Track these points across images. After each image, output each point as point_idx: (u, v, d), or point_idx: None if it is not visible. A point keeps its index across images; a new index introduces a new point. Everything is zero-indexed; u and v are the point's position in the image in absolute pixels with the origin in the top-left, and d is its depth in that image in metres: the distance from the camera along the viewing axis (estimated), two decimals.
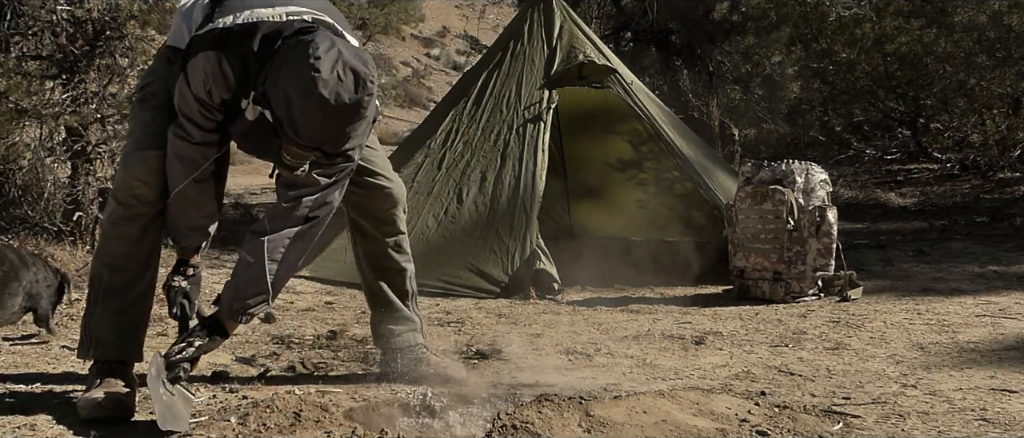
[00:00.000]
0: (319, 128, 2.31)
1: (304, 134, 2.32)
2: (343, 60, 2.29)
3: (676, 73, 9.71)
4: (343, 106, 2.28)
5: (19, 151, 5.18)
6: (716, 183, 5.78)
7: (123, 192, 2.68)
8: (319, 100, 2.26)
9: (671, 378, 3.15)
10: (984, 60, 9.50)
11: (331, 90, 2.25)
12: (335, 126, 2.32)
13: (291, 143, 2.36)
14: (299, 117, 2.30)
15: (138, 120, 2.77)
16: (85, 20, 5.25)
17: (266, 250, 2.60)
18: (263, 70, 2.41)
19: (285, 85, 2.31)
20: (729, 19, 9.39)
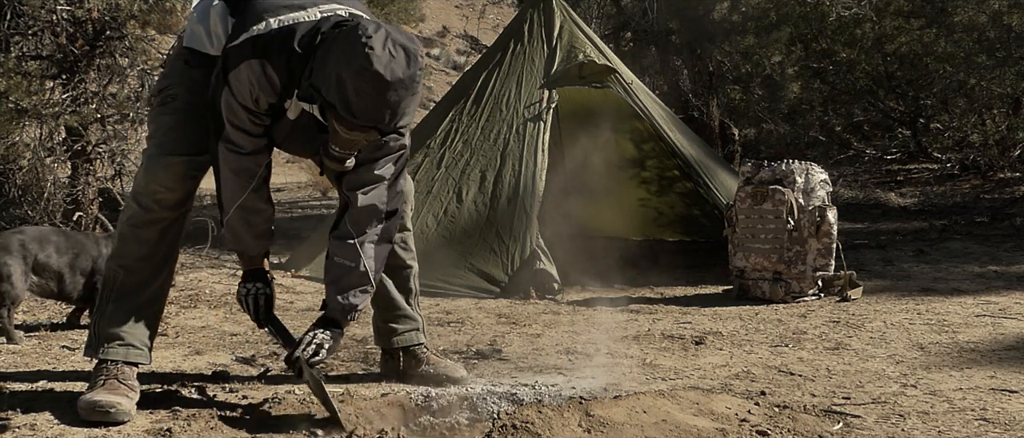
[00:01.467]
0: (375, 104, 2.35)
1: (360, 113, 2.35)
2: (392, 38, 2.35)
3: (676, 73, 9.71)
4: (397, 80, 2.33)
5: (19, 151, 5.18)
6: (716, 183, 5.78)
7: (146, 197, 2.69)
8: (375, 76, 2.30)
9: (671, 378, 3.15)
10: (984, 60, 9.49)
11: (385, 66, 2.31)
12: (390, 100, 2.35)
13: (346, 126, 2.39)
14: (354, 96, 2.33)
15: (159, 123, 2.74)
16: (85, 20, 5.26)
17: (362, 252, 2.65)
18: (306, 66, 2.45)
19: (336, 69, 2.34)
20: (729, 19, 9.39)
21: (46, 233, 3.91)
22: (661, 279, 5.32)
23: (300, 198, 10.29)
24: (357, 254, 2.64)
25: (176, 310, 4.28)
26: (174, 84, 2.73)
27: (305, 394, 2.86)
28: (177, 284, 4.83)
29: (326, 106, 2.39)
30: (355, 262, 2.65)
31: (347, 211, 2.68)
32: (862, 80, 10.74)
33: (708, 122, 9.23)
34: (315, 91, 2.41)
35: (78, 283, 3.74)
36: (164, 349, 3.57)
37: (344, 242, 2.66)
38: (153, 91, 2.76)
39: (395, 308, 3.05)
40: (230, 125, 2.53)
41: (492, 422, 2.52)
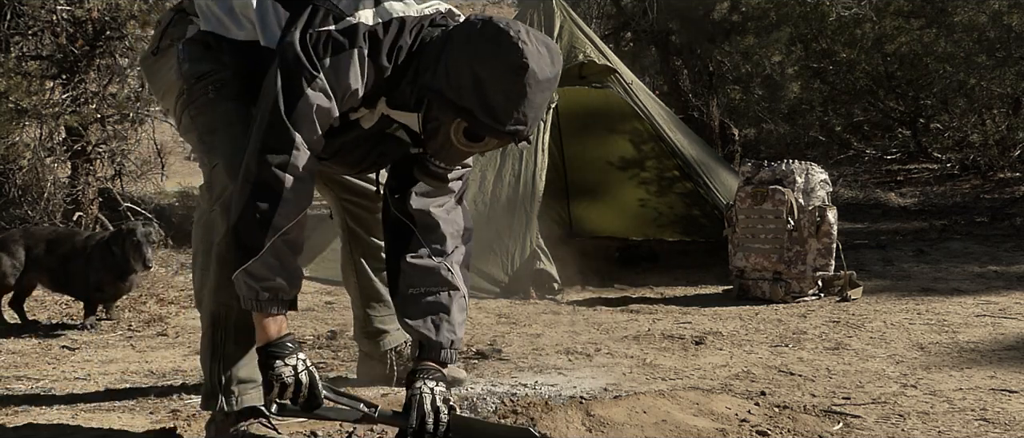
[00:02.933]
0: (524, 106, 2.10)
1: (506, 116, 2.09)
2: (535, 35, 2.13)
3: (676, 73, 9.71)
4: (547, 80, 2.11)
5: (19, 151, 5.19)
6: (716, 183, 5.78)
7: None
8: (531, 75, 2.07)
9: (671, 378, 3.15)
10: (984, 60, 9.49)
11: (538, 63, 2.08)
12: (537, 102, 2.12)
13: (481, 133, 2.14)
14: (502, 99, 2.08)
15: (221, 114, 2.36)
16: (85, 20, 5.26)
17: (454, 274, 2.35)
18: (409, 67, 2.21)
19: (476, 69, 2.09)
20: (729, 19, 9.38)
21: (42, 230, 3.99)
22: (661, 279, 5.32)
23: None
24: (447, 279, 2.33)
25: (176, 310, 4.29)
26: (217, 70, 2.37)
27: None
28: (177, 284, 4.83)
29: (449, 113, 2.12)
30: (446, 288, 2.33)
31: (414, 234, 2.35)
32: (862, 80, 10.73)
33: (708, 122, 9.23)
34: (433, 95, 2.14)
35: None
36: (164, 349, 3.57)
37: (427, 269, 2.32)
38: (192, 79, 2.36)
39: (387, 309, 2.90)
40: (307, 125, 2.14)
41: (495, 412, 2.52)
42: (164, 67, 2.48)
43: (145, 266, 3.85)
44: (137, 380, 3.09)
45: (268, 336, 2.16)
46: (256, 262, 2.11)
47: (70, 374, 3.17)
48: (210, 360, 2.37)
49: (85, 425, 2.57)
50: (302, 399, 2.15)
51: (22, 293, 3.95)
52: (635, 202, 6.77)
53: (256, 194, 2.11)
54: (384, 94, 2.25)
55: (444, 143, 2.20)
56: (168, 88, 2.48)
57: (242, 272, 2.12)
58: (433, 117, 2.19)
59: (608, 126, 6.39)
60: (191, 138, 2.43)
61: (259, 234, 2.11)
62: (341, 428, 2.54)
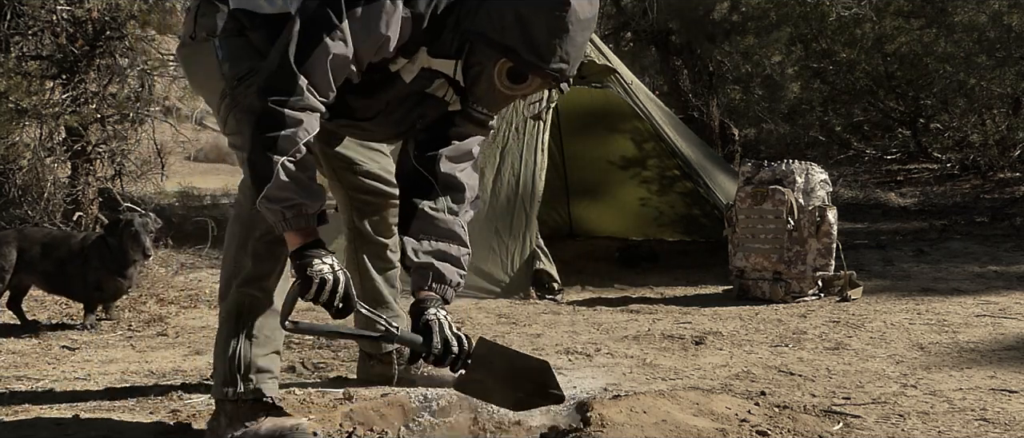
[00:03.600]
0: (568, 44, 2.14)
1: (550, 54, 2.13)
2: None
3: (676, 73, 9.70)
4: (588, 19, 2.16)
5: (19, 151, 5.18)
6: (716, 183, 5.78)
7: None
8: (573, 13, 2.11)
9: (671, 378, 3.15)
10: (984, 60, 9.49)
11: (578, 2, 2.12)
12: (579, 42, 2.17)
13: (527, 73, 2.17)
14: (546, 36, 2.12)
15: None
16: (85, 20, 5.25)
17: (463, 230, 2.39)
18: (449, 15, 2.22)
19: (518, 7, 2.12)
20: (729, 19, 9.38)
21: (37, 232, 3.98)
22: (661, 279, 5.32)
23: None
24: (460, 236, 2.37)
25: (176, 310, 4.29)
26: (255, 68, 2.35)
27: (305, 394, 2.86)
28: (177, 284, 4.83)
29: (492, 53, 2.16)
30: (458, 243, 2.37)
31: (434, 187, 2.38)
32: (862, 80, 10.74)
33: (708, 122, 9.22)
34: (476, 37, 2.17)
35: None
36: (164, 349, 3.57)
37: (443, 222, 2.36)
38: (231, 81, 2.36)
39: (388, 308, 2.91)
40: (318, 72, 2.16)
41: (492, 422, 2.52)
42: (202, 58, 2.46)
43: (145, 255, 3.84)
44: (137, 380, 3.09)
45: (298, 241, 2.16)
46: (271, 187, 2.12)
47: (70, 374, 3.17)
48: (230, 340, 2.39)
49: (85, 425, 2.57)
50: (338, 299, 2.14)
51: (17, 294, 3.95)
52: (635, 202, 6.77)
53: (259, 126, 2.14)
54: (424, 44, 2.26)
55: (488, 87, 2.24)
56: (210, 86, 2.48)
57: (262, 199, 2.13)
58: (476, 62, 2.23)
59: (608, 126, 6.39)
60: (236, 139, 2.41)
61: (267, 161, 2.12)
62: (341, 428, 2.54)
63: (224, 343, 2.41)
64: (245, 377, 2.38)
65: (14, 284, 3.87)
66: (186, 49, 2.54)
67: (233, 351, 2.39)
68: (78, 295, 3.92)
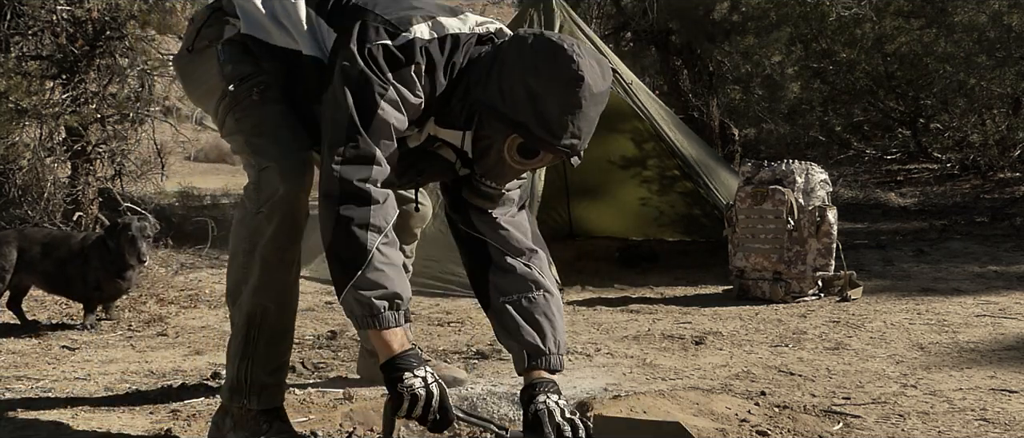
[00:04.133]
0: (580, 120, 2.07)
1: (561, 131, 2.05)
2: (586, 49, 2.09)
3: (676, 73, 9.70)
4: (601, 93, 2.08)
5: (19, 151, 5.18)
6: (716, 183, 5.78)
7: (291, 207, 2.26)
8: (586, 88, 2.04)
9: (671, 378, 3.15)
10: (984, 60, 9.49)
11: (591, 76, 2.04)
12: (593, 114, 2.09)
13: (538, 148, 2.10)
14: (558, 112, 2.04)
15: (266, 116, 2.33)
16: (85, 20, 5.25)
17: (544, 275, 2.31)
18: (458, 84, 2.17)
19: (531, 84, 2.04)
20: (729, 19, 9.37)
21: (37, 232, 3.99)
22: (661, 279, 5.32)
23: None
24: (538, 280, 2.28)
25: (176, 310, 4.29)
26: (257, 72, 2.34)
27: (305, 394, 2.86)
28: (177, 284, 4.83)
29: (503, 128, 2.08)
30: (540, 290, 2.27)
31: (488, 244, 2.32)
32: (862, 80, 10.73)
33: (708, 122, 9.22)
34: (487, 110, 2.10)
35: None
36: (164, 349, 3.57)
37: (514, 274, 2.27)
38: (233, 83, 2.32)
39: None
40: (384, 142, 2.10)
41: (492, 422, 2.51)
42: (201, 67, 2.44)
43: (139, 260, 3.83)
44: (137, 380, 3.09)
45: (392, 350, 2.04)
46: (365, 273, 2.02)
47: (70, 374, 3.17)
48: (239, 357, 2.36)
49: (85, 425, 2.57)
50: (433, 414, 2.03)
51: (17, 294, 3.95)
52: (635, 202, 6.77)
53: (345, 208, 2.05)
54: (433, 113, 2.20)
55: (496, 161, 2.16)
56: (208, 89, 2.44)
57: (351, 289, 2.02)
58: (485, 135, 2.15)
59: (608, 126, 6.37)
60: (236, 140, 2.38)
61: (359, 242, 2.03)
62: (340, 428, 2.54)
63: (235, 353, 2.38)
64: (251, 394, 2.35)
65: (14, 284, 3.87)
66: (183, 60, 2.52)
67: (242, 367, 2.35)
68: (78, 295, 3.92)
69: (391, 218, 2.09)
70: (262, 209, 2.27)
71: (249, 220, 2.32)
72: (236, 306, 2.39)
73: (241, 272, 2.36)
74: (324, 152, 2.12)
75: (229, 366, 2.41)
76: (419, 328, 3.91)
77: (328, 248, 2.07)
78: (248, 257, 2.33)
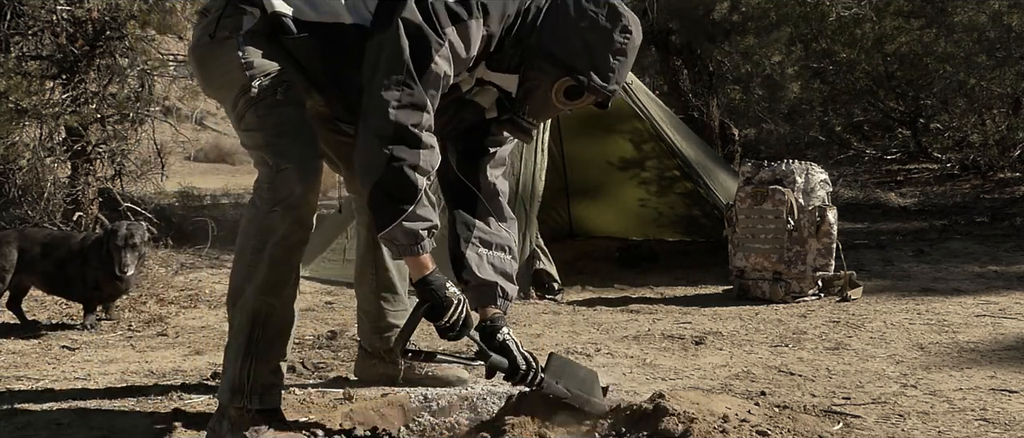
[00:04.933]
0: (623, 67, 2.38)
1: (610, 75, 2.36)
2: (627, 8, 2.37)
3: (676, 73, 9.70)
4: (639, 45, 2.39)
5: (19, 151, 5.18)
6: (716, 183, 5.78)
7: (303, 208, 2.35)
8: (632, 43, 2.36)
9: (671, 378, 3.15)
10: (984, 60, 9.49)
11: (637, 32, 2.36)
12: (630, 65, 2.40)
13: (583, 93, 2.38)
14: (609, 61, 2.34)
15: (284, 118, 2.39)
16: (85, 20, 5.25)
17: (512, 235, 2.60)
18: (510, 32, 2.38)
19: (587, 35, 2.32)
20: (729, 19, 9.37)
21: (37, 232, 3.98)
22: (661, 279, 5.32)
23: None
24: (511, 246, 2.57)
25: (176, 310, 4.29)
26: (281, 70, 2.41)
27: (305, 394, 2.86)
28: (177, 284, 4.83)
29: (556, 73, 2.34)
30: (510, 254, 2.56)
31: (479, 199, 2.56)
32: (862, 80, 10.74)
33: (708, 122, 9.22)
34: (543, 57, 2.34)
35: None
36: (164, 349, 3.57)
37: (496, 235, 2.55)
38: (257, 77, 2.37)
39: (400, 302, 2.96)
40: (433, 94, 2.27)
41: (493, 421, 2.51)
42: (221, 58, 2.45)
43: (121, 271, 3.72)
44: (137, 380, 3.09)
45: (425, 269, 2.29)
46: (416, 207, 2.23)
47: (70, 374, 3.17)
48: (241, 356, 2.38)
49: (85, 425, 2.57)
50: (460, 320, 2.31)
51: (18, 294, 3.95)
52: (635, 202, 6.77)
53: (398, 149, 2.21)
54: (485, 58, 2.39)
55: (542, 101, 2.41)
56: (226, 81, 2.45)
57: (400, 223, 2.22)
58: (533, 76, 2.39)
59: (608, 126, 6.38)
60: (255, 136, 2.41)
61: (411, 182, 2.22)
62: (341, 428, 2.54)
63: (236, 353, 2.40)
64: (252, 393, 2.38)
65: (14, 284, 3.87)
66: (202, 49, 2.51)
67: (244, 367, 2.38)
68: (77, 296, 3.92)
69: (437, 163, 2.30)
70: (275, 208, 2.33)
71: (260, 218, 2.36)
72: (238, 306, 2.41)
73: (247, 270, 2.39)
74: (374, 93, 2.23)
75: (228, 367, 2.41)
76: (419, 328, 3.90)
77: (375, 183, 2.23)
78: (256, 255, 2.37)
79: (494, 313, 2.49)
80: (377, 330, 2.98)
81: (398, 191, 2.22)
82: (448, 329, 2.31)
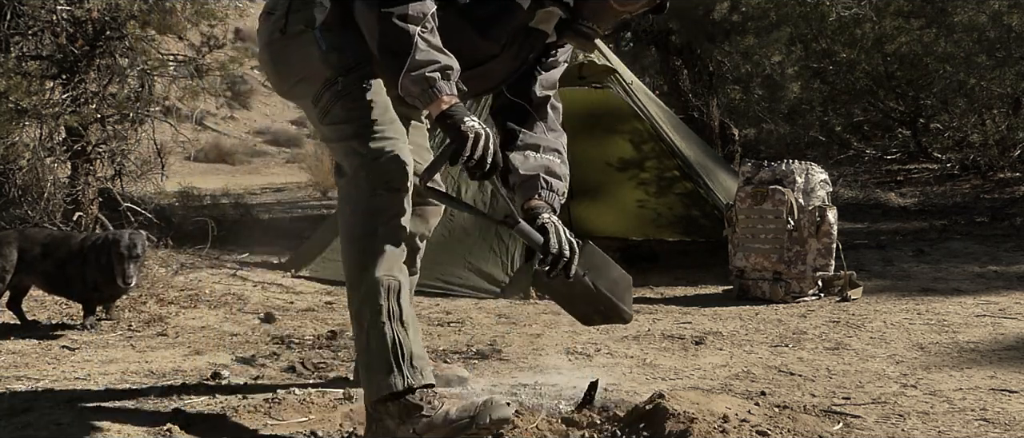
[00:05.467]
0: None
1: None
2: None
3: (676, 73, 9.70)
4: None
5: (19, 151, 5.18)
6: (716, 183, 5.78)
7: (405, 191, 2.36)
8: None
9: (671, 378, 3.15)
10: (984, 60, 9.49)
11: None
12: None
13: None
14: None
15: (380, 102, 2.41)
16: (85, 20, 5.25)
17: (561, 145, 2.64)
18: None
19: None
20: (729, 19, 9.37)
21: (38, 232, 3.97)
22: (661, 279, 5.32)
23: (300, 198, 10.29)
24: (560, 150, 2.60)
25: (176, 310, 4.29)
26: (363, 60, 2.40)
27: (305, 394, 2.86)
28: (177, 284, 4.83)
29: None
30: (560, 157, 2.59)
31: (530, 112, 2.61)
32: (862, 80, 10.74)
33: (708, 122, 9.22)
34: None
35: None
36: (164, 349, 3.57)
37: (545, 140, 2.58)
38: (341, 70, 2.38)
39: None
40: None
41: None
42: (297, 53, 2.45)
43: (124, 282, 3.72)
44: (137, 380, 3.09)
45: (442, 105, 2.21)
46: (414, 53, 2.20)
47: (70, 374, 3.17)
48: (386, 336, 2.27)
49: (85, 425, 2.57)
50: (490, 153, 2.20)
51: (18, 294, 3.95)
52: (635, 202, 6.77)
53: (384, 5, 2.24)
54: None
55: (600, 4, 2.43)
56: (305, 76, 2.45)
57: (405, 72, 2.20)
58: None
59: (608, 126, 6.38)
60: (343, 129, 2.40)
61: (401, 30, 2.21)
62: (340, 428, 2.54)
63: (379, 334, 2.28)
64: (411, 365, 2.26)
65: (14, 284, 3.87)
66: (274, 46, 2.50)
67: (392, 340, 2.27)
68: (77, 296, 3.92)
69: (429, 10, 2.25)
70: (379, 190, 2.33)
71: (365, 202, 2.35)
72: (363, 295, 2.32)
73: (361, 257, 2.34)
74: None
75: (374, 358, 2.29)
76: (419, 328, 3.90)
77: (378, 46, 2.27)
78: (369, 239, 2.33)
79: (537, 203, 2.48)
80: None
81: (394, 44, 2.22)
82: (474, 168, 2.20)
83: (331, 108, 2.40)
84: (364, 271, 2.31)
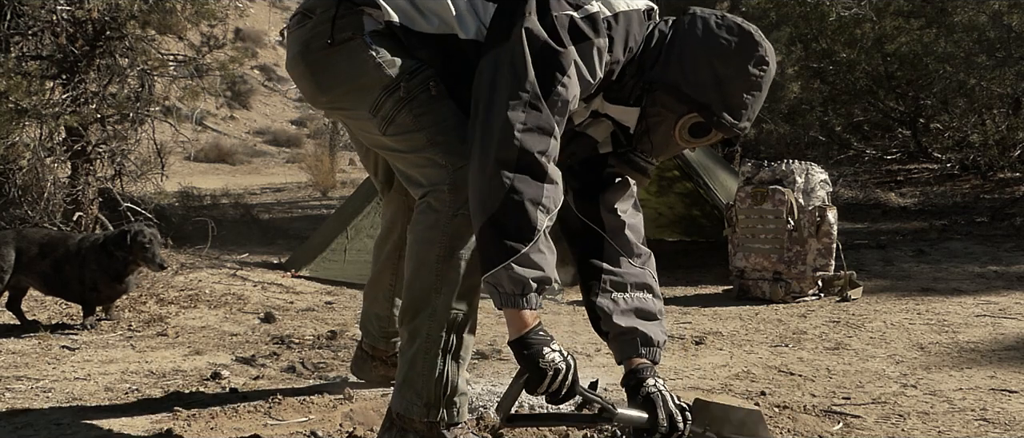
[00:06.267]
0: (757, 103, 2.16)
1: (741, 111, 2.14)
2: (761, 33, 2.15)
3: None
4: (773, 76, 2.18)
5: (19, 151, 5.18)
6: (716, 183, 5.78)
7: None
8: (768, 75, 2.14)
9: (671, 378, 3.15)
10: (984, 60, 9.48)
11: (773, 63, 2.15)
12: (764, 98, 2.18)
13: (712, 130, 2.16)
14: (741, 97, 2.12)
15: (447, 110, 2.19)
16: (85, 20, 5.25)
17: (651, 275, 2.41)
18: (632, 61, 2.18)
19: (717, 67, 2.10)
20: None
21: (35, 233, 3.98)
22: (661, 279, 5.28)
23: (300, 198, 10.29)
24: (651, 285, 2.36)
25: (176, 310, 4.29)
26: (424, 66, 2.19)
27: (305, 395, 2.86)
28: (177, 284, 4.83)
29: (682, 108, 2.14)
30: (652, 294, 2.35)
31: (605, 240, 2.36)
32: (862, 80, 10.73)
33: None
34: (669, 90, 2.13)
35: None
36: (164, 349, 3.57)
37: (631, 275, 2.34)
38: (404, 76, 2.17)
39: None
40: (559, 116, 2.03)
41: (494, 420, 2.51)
42: (344, 62, 2.23)
43: (160, 267, 3.85)
44: (137, 380, 3.09)
45: (526, 324, 2.01)
46: (530, 250, 1.95)
47: (70, 374, 3.17)
48: (437, 367, 2.18)
49: (85, 425, 2.57)
50: (566, 387, 2.02)
51: (17, 294, 3.95)
52: None
53: (520, 180, 1.96)
54: (604, 89, 2.20)
55: (664, 138, 2.21)
56: (358, 86, 2.22)
57: (505, 267, 1.94)
58: (656, 112, 2.19)
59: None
60: (415, 139, 2.19)
61: (529, 220, 1.95)
62: (340, 428, 2.54)
63: (427, 365, 2.19)
64: (449, 402, 2.20)
65: (13, 285, 3.87)
66: (317, 54, 2.27)
67: (441, 374, 2.18)
68: (75, 297, 3.91)
69: (560, 200, 2.04)
70: (460, 211, 2.13)
71: (445, 224, 2.16)
72: (426, 315, 2.20)
73: (434, 280, 2.18)
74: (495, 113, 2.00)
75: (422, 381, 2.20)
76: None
77: (491, 216, 1.97)
78: (445, 263, 2.17)
79: (639, 364, 2.26)
80: (386, 335, 2.91)
81: (513, 228, 1.95)
82: (553, 398, 2.04)
83: (396, 116, 2.20)
84: (436, 294, 2.17)
